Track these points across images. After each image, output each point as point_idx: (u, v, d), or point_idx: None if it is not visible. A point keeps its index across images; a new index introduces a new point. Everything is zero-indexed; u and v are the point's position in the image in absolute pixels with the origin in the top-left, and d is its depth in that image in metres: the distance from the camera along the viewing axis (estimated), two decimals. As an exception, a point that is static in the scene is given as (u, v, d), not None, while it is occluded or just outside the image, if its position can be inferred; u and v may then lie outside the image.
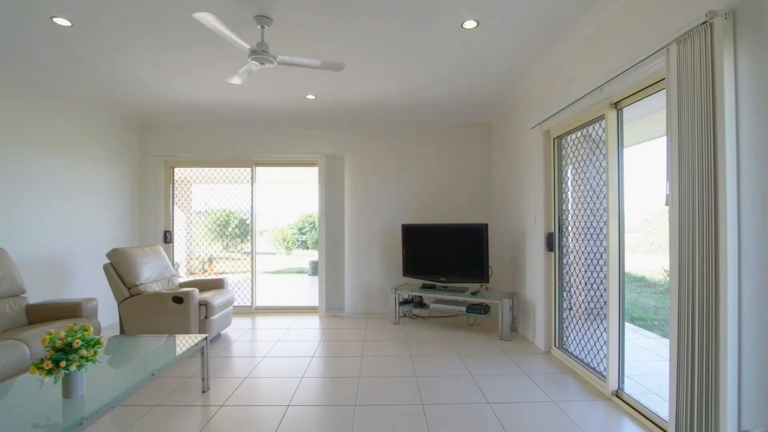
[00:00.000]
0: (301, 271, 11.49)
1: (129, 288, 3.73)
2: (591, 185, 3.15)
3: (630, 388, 2.69)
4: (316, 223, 15.54)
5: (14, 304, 3.10)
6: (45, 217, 3.90)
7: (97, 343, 1.93)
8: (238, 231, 9.19)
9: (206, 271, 8.28)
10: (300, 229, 15.77)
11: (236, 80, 3.06)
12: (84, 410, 1.77)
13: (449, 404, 2.63)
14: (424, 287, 4.76)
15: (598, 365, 2.98)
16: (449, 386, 2.92)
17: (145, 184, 5.38)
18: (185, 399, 2.73)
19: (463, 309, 4.34)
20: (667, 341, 4.18)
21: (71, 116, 4.24)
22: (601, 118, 2.87)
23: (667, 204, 1.96)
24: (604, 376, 2.80)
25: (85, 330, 1.91)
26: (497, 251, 5.06)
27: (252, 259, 5.54)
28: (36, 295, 3.63)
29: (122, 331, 3.71)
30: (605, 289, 2.88)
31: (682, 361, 1.84)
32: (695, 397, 1.75)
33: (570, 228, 3.46)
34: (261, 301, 5.70)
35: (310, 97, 4.47)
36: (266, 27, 2.78)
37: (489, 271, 4.44)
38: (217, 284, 4.49)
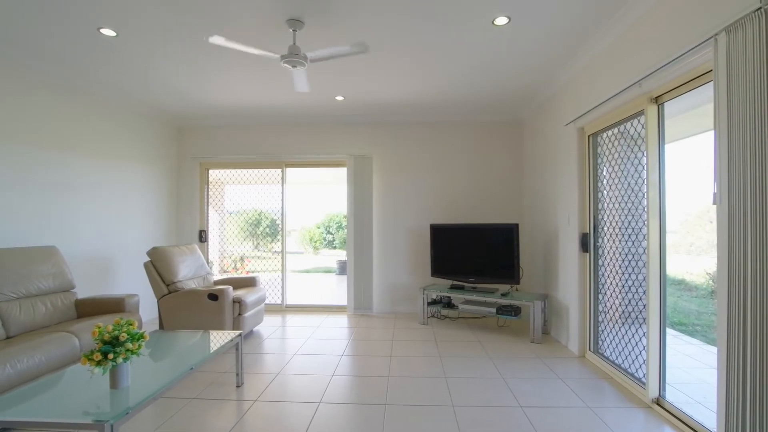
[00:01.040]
0: (328, 271, 11.64)
1: (167, 285, 3.90)
2: (629, 183, 3.03)
3: (672, 396, 2.56)
4: (343, 223, 15.60)
5: (65, 299, 3.30)
6: (91, 216, 4.13)
7: (141, 336, 2.02)
8: (268, 231, 9.42)
9: (238, 269, 8.52)
10: (327, 229, 15.97)
11: (303, 87, 3.13)
12: (129, 400, 1.86)
13: (480, 406, 2.60)
14: (453, 288, 4.72)
15: (636, 371, 2.86)
16: (480, 388, 2.88)
17: (182, 185, 5.61)
18: (221, 393, 2.82)
19: (493, 310, 4.27)
20: (711, 348, 3.97)
21: (114, 121, 4.47)
22: (640, 113, 2.75)
23: (714, 203, 1.86)
24: (644, 383, 2.69)
25: (131, 324, 2.01)
26: (528, 252, 4.95)
27: (282, 258, 5.66)
28: (82, 290, 3.85)
29: (161, 325, 3.88)
30: (644, 292, 2.77)
31: (732, 370, 1.74)
32: (747, 409, 1.65)
33: (606, 228, 3.34)
34: (291, 300, 5.81)
35: (340, 98, 4.53)
36: (298, 30, 2.84)
37: (520, 272, 4.35)
38: (249, 282, 4.62)
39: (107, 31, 2.94)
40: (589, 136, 3.52)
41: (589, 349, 3.50)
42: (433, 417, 2.46)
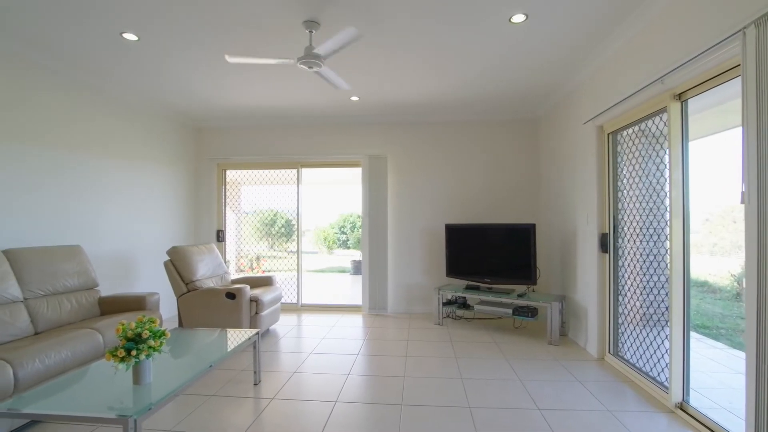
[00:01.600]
0: (343, 270, 11.68)
1: (187, 284, 3.97)
2: (650, 182, 2.96)
3: (696, 401, 2.49)
4: (357, 223, 15.61)
5: (89, 297, 3.39)
6: (113, 216, 4.24)
7: (163, 334, 2.06)
8: (283, 230, 9.53)
9: (254, 269, 8.63)
10: (341, 229, 16.04)
11: (341, 85, 3.16)
12: (151, 396, 1.91)
13: (497, 408, 2.57)
14: (468, 288, 4.68)
15: (658, 375, 2.79)
16: (497, 390, 2.85)
17: (200, 186, 5.71)
18: (239, 390, 2.86)
19: (509, 311, 4.23)
20: (736, 352, 3.85)
21: (136, 124, 4.58)
22: (663, 110, 2.68)
23: (743, 202, 1.80)
24: (666, 387, 2.62)
25: (153, 322, 2.05)
26: (545, 252, 4.88)
27: (298, 257, 5.71)
28: (105, 288, 3.94)
29: (180, 323, 3.95)
30: (666, 294, 2.70)
31: (762, 375, 1.68)
32: (778, 414, 1.60)
33: (626, 228, 3.27)
34: (306, 299, 5.86)
35: (354, 98, 4.54)
36: (314, 31, 2.86)
37: (537, 273, 4.29)
38: (266, 281, 4.67)
39: (129, 36, 3.01)
40: (608, 135, 3.45)
41: (609, 352, 3.43)
42: (450, 418, 2.44)
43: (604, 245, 3.45)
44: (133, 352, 1.93)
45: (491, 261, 4.60)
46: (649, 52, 2.72)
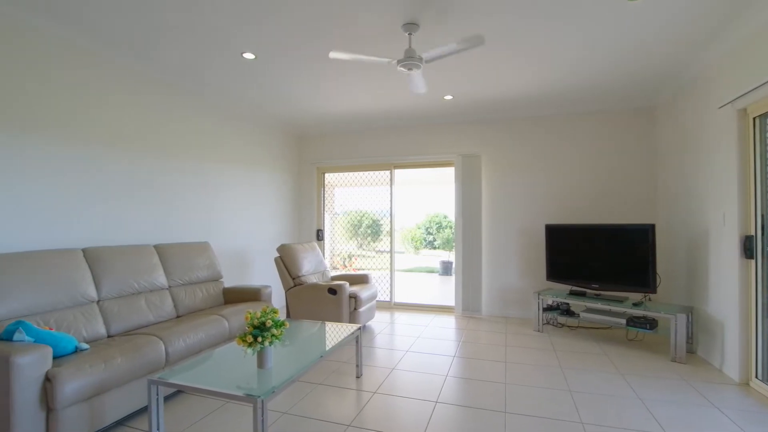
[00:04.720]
0: (431, 271, 11.67)
1: (293, 278, 4.32)
2: (818, 175, 2.44)
3: None
4: (443, 224, 15.39)
5: (216, 287, 3.87)
6: (230, 215, 4.77)
7: (283, 324, 2.27)
8: (369, 231, 9.86)
9: (346, 267, 9.06)
10: (427, 229, 16.03)
11: (421, 88, 3.30)
12: (273, 380, 2.10)
13: (616, 428, 2.34)
14: (572, 293, 4.34)
15: (832, 410, 2.29)
16: (612, 407, 2.60)
17: (302, 188, 6.18)
18: (343, 382, 3.02)
19: (623, 321, 3.82)
20: None
21: (249, 135, 5.11)
22: (838, 86, 2.19)
23: None
24: None
25: (275, 312, 2.27)
26: (665, 256, 4.32)
27: (391, 257, 5.85)
28: (225, 280, 4.46)
29: (288, 314, 4.31)
30: None
31: None
32: None
33: (780, 230, 2.73)
34: (398, 298, 5.97)
35: (448, 97, 4.50)
36: (413, 34, 2.90)
37: (657, 280, 3.81)
38: (362, 279, 4.87)
39: (248, 55, 3.37)
40: (753, 119, 2.92)
41: (756, 377, 2.90)
42: (560, 432, 2.29)
43: (748, 250, 2.93)
44: (259, 339, 2.15)
45: (600, 265, 4.20)
46: (818, 17, 2.24)
